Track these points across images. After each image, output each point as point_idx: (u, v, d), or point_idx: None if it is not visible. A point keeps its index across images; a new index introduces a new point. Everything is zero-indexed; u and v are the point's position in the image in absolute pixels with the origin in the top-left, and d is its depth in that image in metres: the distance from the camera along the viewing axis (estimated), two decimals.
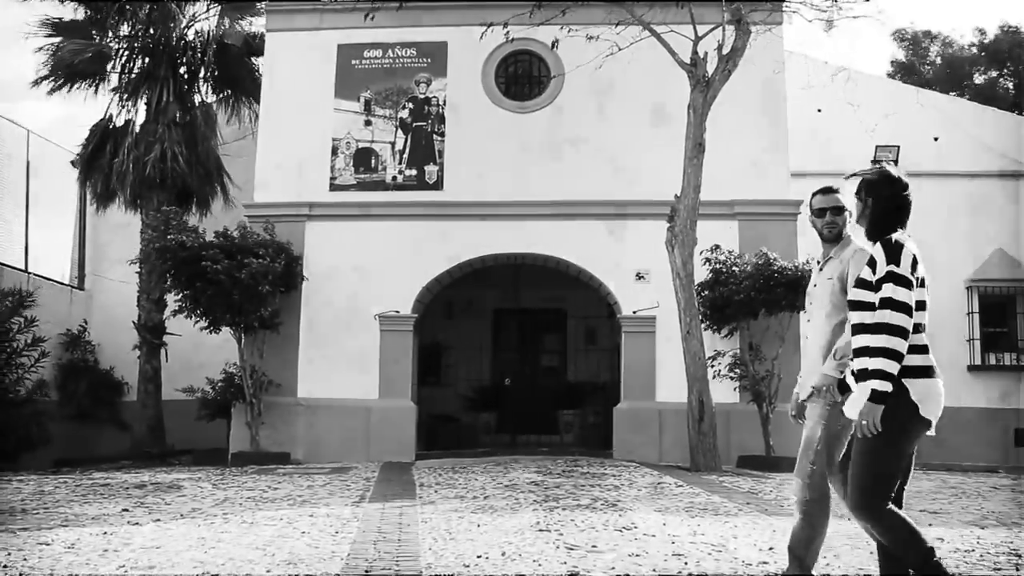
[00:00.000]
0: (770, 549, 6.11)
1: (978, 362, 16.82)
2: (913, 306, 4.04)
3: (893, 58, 31.67)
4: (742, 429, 13.38)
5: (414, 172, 14.74)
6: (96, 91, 17.15)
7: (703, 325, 12.81)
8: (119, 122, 16.87)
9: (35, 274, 17.64)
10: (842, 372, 4.52)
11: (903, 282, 4.05)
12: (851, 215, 4.72)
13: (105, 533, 7.16)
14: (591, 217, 14.28)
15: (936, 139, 17.46)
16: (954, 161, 17.31)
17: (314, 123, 14.95)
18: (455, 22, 14.82)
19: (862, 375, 4.12)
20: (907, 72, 29.92)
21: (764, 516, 7.73)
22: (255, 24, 17.39)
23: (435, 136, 14.80)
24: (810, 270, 13.06)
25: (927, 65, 30.68)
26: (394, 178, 14.75)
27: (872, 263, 4.17)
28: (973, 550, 6.34)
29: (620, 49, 12.94)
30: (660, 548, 6.20)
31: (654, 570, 5.36)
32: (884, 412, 3.99)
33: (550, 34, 13.44)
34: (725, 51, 12.43)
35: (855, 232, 4.75)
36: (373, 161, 14.81)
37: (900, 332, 3.98)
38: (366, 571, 5.61)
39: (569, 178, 14.34)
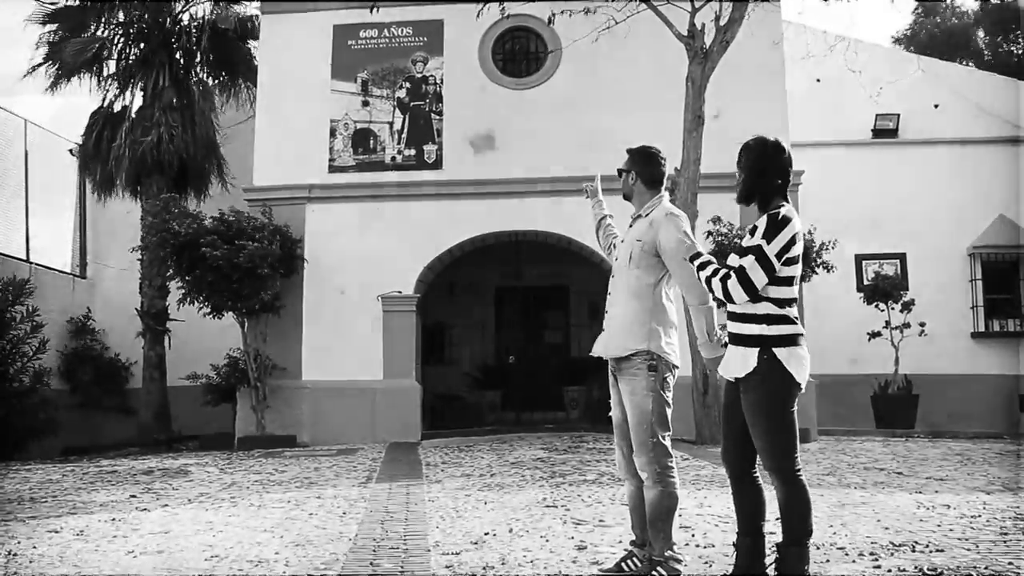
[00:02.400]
0: (776, 519, 6.11)
1: (982, 329, 16.80)
2: (758, 287, 4.29)
3: (896, 29, 31.49)
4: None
5: (413, 152, 14.69)
6: (98, 82, 17.08)
7: None
8: (117, 108, 16.84)
9: (36, 263, 17.63)
10: (724, 346, 4.66)
11: (764, 262, 4.28)
12: (635, 176, 4.94)
13: (114, 519, 7.19)
14: None
15: (937, 106, 17.38)
16: (955, 128, 17.25)
17: (311, 105, 14.88)
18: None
19: (737, 339, 4.42)
20: (910, 40, 29.77)
21: (769, 487, 7.73)
22: (249, 7, 17.32)
23: (433, 115, 14.74)
24: (812, 241, 13.08)
25: (934, 29, 30.43)
26: (393, 158, 14.70)
27: (753, 231, 4.39)
28: (980, 515, 6.35)
29: (617, 23, 12.86)
30: None
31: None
32: (760, 381, 4.30)
33: (546, 9, 13.35)
34: (723, 22, 12.36)
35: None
36: (371, 142, 14.75)
37: (726, 294, 4.34)
38: (374, 550, 5.63)
39: (568, 154, 14.26)
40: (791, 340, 4.33)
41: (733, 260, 4.43)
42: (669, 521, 4.61)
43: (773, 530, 4.60)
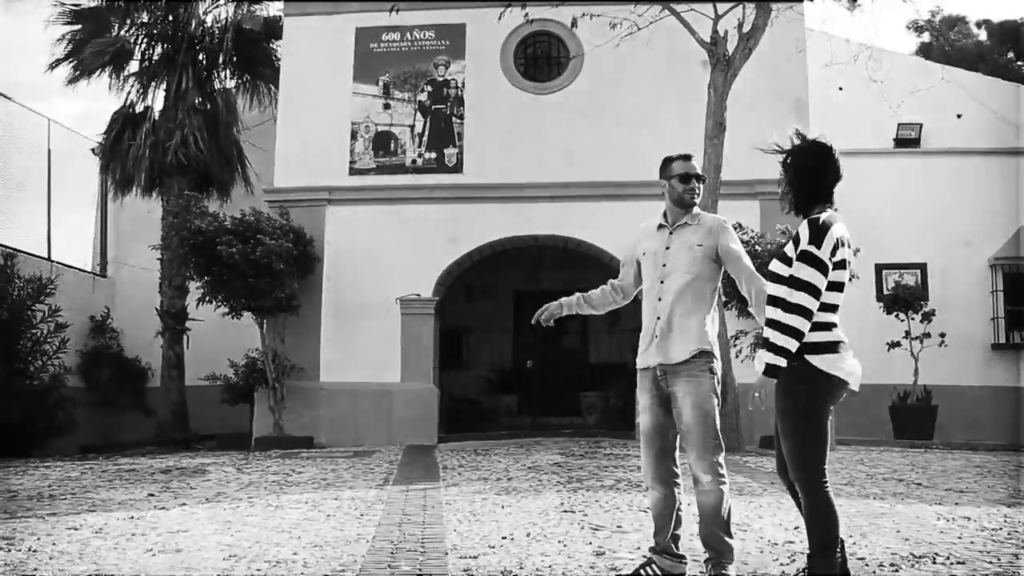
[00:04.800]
0: (795, 528, 6.09)
1: (1002, 340, 16.68)
2: (821, 288, 4.18)
3: (918, 41, 31.44)
4: (765, 409, 13.26)
5: (433, 155, 14.72)
6: (120, 80, 17.16)
7: (725, 305, 12.73)
8: (139, 109, 16.93)
9: (57, 262, 17.72)
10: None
11: (816, 263, 4.18)
12: (704, 183, 4.96)
13: (132, 517, 7.21)
14: (612, 198, 14.20)
15: (959, 116, 17.28)
16: (978, 138, 17.14)
17: (333, 107, 14.94)
18: (473, 4, 14.75)
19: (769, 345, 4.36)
20: (929, 53, 29.71)
21: (788, 495, 7.69)
22: (273, 8, 17.41)
23: (454, 119, 14.77)
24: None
25: (947, 47, 30.40)
26: (413, 161, 14.74)
27: (796, 239, 4.31)
28: (1001, 528, 6.31)
29: (639, 29, 12.85)
30: (685, 528, 6.19)
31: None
32: (795, 388, 4.26)
33: (569, 14, 13.35)
34: (745, 29, 12.34)
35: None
36: (392, 145, 14.79)
37: (801, 311, 4.17)
38: (392, 553, 5.63)
39: (589, 159, 14.28)
40: (828, 347, 4.26)
41: (775, 266, 4.40)
42: (729, 521, 4.68)
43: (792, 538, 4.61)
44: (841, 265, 4.26)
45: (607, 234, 14.19)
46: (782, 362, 4.21)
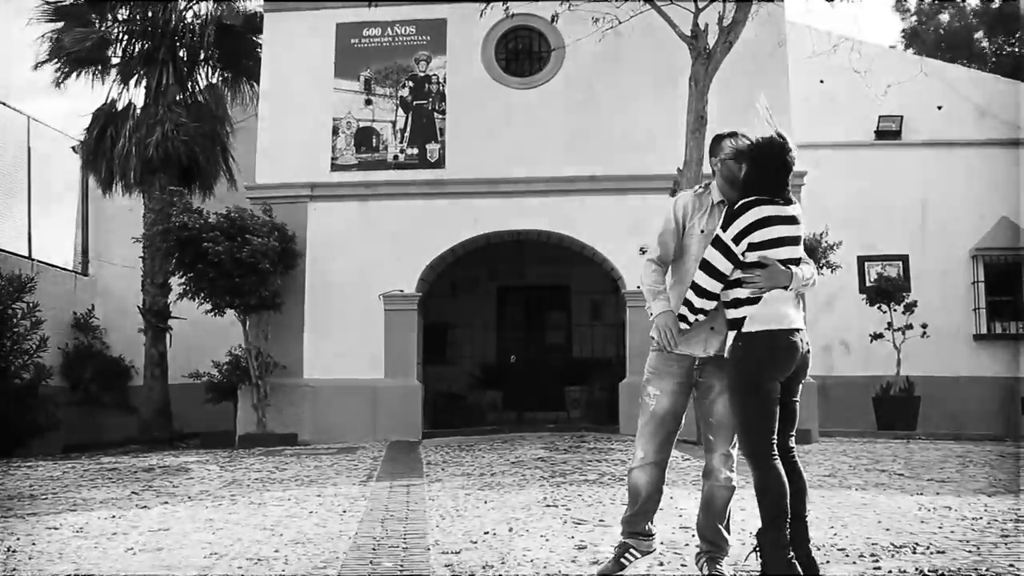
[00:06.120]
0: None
1: (984, 331, 16.78)
2: (723, 269, 4.45)
3: (901, 29, 31.49)
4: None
5: (415, 151, 14.68)
6: (102, 78, 17.06)
7: None
8: (121, 106, 16.82)
9: (38, 261, 17.62)
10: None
11: (721, 247, 4.45)
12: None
13: (114, 517, 7.18)
14: (593, 192, 14.20)
15: (940, 108, 17.36)
16: (959, 129, 17.22)
17: (314, 103, 14.88)
18: None
19: (728, 324, 4.56)
20: (913, 39, 29.77)
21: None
22: (254, 3, 17.31)
23: (436, 114, 14.73)
24: (817, 241, 13.05)
25: (939, 30, 30.41)
26: (396, 157, 14.70)
27: None
28: (981, 517, 6.34)
29: (620, 22, 12.85)
30: (668, 521, 6.22)
31: (662, 543, 5.36)
32: (733, 365, 4.48)
33: (550, 8, 13.33)
34: (726, 23, 12.34)
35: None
36: (374, 140, 14.74)
37: (697, 288, 4.52)
38: (374, 549, 5.63)
39: (571, 153, 14.26)
40: (765, 324, 4.42)
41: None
42: (729, 518, 4.87)
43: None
44: (769, 245, 4.44)
45: (590, 228, 14.19)
46: (689, 317, 4.58)
